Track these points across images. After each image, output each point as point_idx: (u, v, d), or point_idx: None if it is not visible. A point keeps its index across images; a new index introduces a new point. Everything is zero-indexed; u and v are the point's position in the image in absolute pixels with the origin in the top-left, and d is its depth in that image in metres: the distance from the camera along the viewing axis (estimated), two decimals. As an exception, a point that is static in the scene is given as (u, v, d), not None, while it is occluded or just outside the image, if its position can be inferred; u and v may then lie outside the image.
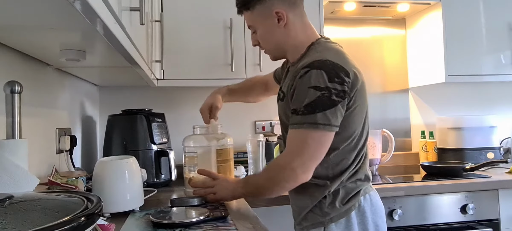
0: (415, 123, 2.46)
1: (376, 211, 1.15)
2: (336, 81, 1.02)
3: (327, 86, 1.01)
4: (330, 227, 1.10)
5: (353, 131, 1.11)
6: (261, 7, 1.15)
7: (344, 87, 1.03)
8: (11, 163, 0.78)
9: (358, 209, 1.11)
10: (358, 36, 2.38)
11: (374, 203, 1.15)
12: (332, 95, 1.01)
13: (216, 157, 1.39)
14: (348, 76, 1.04)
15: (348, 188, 1.12)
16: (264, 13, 1.15)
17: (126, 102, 2.10)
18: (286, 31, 1.16)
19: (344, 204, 1.11)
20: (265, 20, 1.16)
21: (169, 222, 1.04)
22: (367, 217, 1.12)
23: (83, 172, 1.34)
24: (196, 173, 1.37)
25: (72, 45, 1.02)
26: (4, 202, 0.48)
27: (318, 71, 1.02)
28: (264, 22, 1.16)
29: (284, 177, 1.07)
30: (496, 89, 2.56)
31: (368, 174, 1.18)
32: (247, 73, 1.88)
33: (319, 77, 1.01)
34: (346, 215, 1.10)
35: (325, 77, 1.01)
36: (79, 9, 0.60)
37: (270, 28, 1.16)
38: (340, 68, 1.04)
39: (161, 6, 1.80)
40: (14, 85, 0.86)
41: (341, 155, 1.11)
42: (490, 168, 2.00)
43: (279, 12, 1.14)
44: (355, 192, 1.12)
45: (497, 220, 1.70)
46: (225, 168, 1.42)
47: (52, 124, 1.40)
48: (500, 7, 2.18)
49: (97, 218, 0.50)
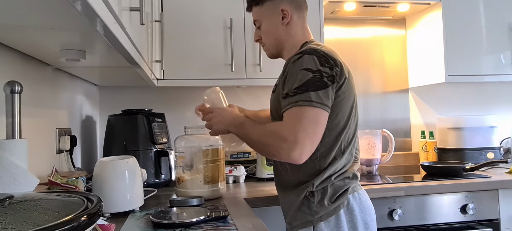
0: (415, 123, 2.46)
1: (365, 209, 1.15)
2: (327, 66, 1.08)
3: (319, 69, 1.06)
4: (319, 225, 1.11)
5: (338, 122, 1.13)
6: (269, 4, 1.26)
7: (333, 72, 1.08)
8: (11, 163, 0.78)
9: (347, 207, 1.13)
10: (358, 36, 2.38)
11: (363, 202, 1.16)
12: (323, 78, 1.06)
13: (203, 157, 1.43)
14: (336, 65, 1.10)
15: (336, 186, 1.13)
16: (271, 9, 1.26)
17: (126, 102, 2.10)
18: (288, 29, 1.25)
19: (332, 202, 1.12)
20: (271, 15, 1.26)
21: (169, 222, 1.04)
22: (356, 215, 1.13)
23: (83, 172, 1.34)
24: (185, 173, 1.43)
25: (72, 45, 1.02)
26: (4, 202, 0.48)
27: (310, 56, 1.08)
28: (270, 17, 1.26)
29: (276, 146, 1.05)
30: (496, 89, 2.56)
31: (356, 173, 1.19)
32: (247, 73, 1.88)
33: (311, 61, 1.07)
34: (335, 213, 1.11)
35: (317, 61, 1.07)
36: (79, 9, 0.60)
37: (274, 24, 1.26)
38: (329, 56, 1.10)
39: (161, 6, 1.80)
40: (14, 85, 0.86)
41: (325, 148, 1.13)
42: (490, 168, 2.00)
43: (284, 10, 1.24)
44: (343, 190, 1.13)
45: (497, 220, 1.70)
46: (214, 168, 1.45)
47: (52, 124, 1.40)
48: (500, 7, 2.18)
49: (97, 218, 0.50)
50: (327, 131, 1.10)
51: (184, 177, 1.45)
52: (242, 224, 1.07)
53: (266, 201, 1.51)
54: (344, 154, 1.15)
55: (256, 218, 1.16)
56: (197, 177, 1.43)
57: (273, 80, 1.91)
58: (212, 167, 1.45)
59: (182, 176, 1.45)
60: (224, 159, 1.52)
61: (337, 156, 1.15)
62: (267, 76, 1.89)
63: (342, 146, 1.15)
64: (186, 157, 1.45)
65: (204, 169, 1.43)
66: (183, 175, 1.45)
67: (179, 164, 1.47)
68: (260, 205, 1.49)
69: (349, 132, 1.16)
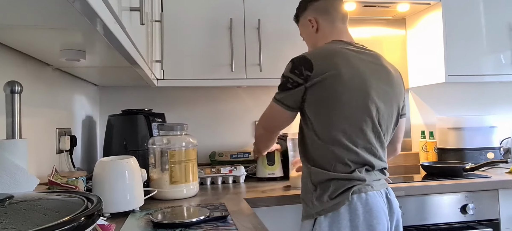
0: (415, 123, 2.46)
1: (372, 212, 1.14)
2: (295, 73, 1.23)
3: (286, 75, 1.26)
4: (319, 219, 1.16)
5: (322, 122, 1.20)
6: (302, 18, 1.46)
7: (299, 79, 1.22)
8: (11, 163, 0.78)
9: (349, 206, 1.13)
10: (358, 36, 2.37)
11: (370, 204, 1.14)
12: (287, 83, 1.25)
13: (170, 157, 1.47)
14: (309, 70, 1.20)
15: (338, 184, 1.16)
16: (304, 23, 1.44)
17: (126, 102, 2.10)
18: (317, 35, 1.40)
19: (332, 198, 1.15)
20: (305, 28, 1.44)
21: (169, 222, 1.04)
22: (358, 216, 1.13)
23: (83, 172, 1.34)
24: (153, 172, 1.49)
25: (72, 45, 1.02)
26: (4, 202, 0.48)
27: (289, 63, 1.26)
28: (305, 29, 1.45)
29: None
30: (496, 89, 2.56)
31: (363, 176, 1.17)
32: (247, 73, 1.88)
33: (287, 67, 1.26)
34: (334, 210, 1.14)
35: (289, 67, 1.25)
36: (79, 9, 0.60)
37: (308, 33, 1.43)
38: (306, 62, 1.22)
39: (161, 6, 1.80)
40: (14, 85, 0.86)
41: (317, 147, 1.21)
42: (490, 168, 2.00)
43: (311, 20, 1.40)
44: (345, 189, 1.15)
45: (497, 220, 1.70)
46: (177, 169, 1.47)
47: (52, 124, 1.40)
48: (500, 7, 2.18)
49: (97, 218, 0.50)
50: (313, 130, 1.22)
51: (152, 176, 1.49)
52: (242, 224, 1.07)
53: (266, 201, 1.51)
54: (345, 156, 1.17)
55: (256, 218, 1.16)
56: (164, 177, 1.46)
57: (273, 80, 1.92)
58: (180, 168, 1.46)
59: (151, 175, 1.50)
60: (195, 160, 1.55)
61: (335, 158, 1.17)
62: (267, 76, 1.89)
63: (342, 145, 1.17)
64: (154, 156, 1.50)
65: (171, 169, 1.46)
66: (152, 175, 1.50)
67: (150, 163, 1.52)
68: (260, 205, 1.49)
69: (342, 134, 1.17)
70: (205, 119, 2.20)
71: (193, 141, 1.52)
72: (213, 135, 2.20)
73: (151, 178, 1.49)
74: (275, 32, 1.90)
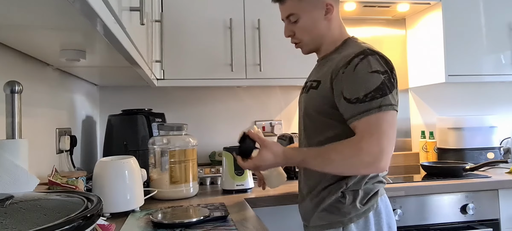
0: (415, 123, 2.46)
1: (389, 212, 1.15)
2: (390, 67, 1.06)
3: (386, 70, 1.04)
4: (349, 227, 1.08)
5: None
6: None
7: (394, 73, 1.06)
8: (11, 163, 0.78)
9: (375, 210, 1.11)
10: (358, 36, 2.36)
11: (388, 205, 1.16)
12: (391, 78, 1.04)
13: (170, 157, 1.46)
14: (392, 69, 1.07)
15: (367, 189, 1.12)
16: (314, 3, 1.16)
17: (126, 102, 2.10)
18: (329, 24, 1.18)
19: (363, 204, 1.10)
20: (313, 9, 1.16)
21: (169, 222, 1.04)
22: (382, 218, 1.12)
23: (83, 172, 1.34)
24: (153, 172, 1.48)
25: (72, 45, 1.02)
26: (4, 202, 0.48)
27: (373, 57, 1.04)
28: (311, 11, 1.17)
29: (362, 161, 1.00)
30: (496, 89, 2.56)
31: (385, 177, 1.18)
32: (247, 73, 1.88)
33: (377, 62, 1.04)
34: (365, 216, 1.10)
35: (382, 62, 1.05)
36: (79, 9, 0.60)
37: (315, 18, 1.17)
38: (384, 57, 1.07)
39: (161, 6, 1.80)
40: (14, 85, 0.86)
41: None
42: (490, 168, 2.00)
43: (329, 4, 1.16)
44: (373, 193, 1.12)
45: (497, 220, 1.70)
46: (177, 169, 1.47)
47: (52, 124, 1.40)
48: (500, 7, 2.18)
49: (97, 218, 0.50)
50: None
51: (152, 176, 1.49)
52: (242, 224, 1.07)
53: (266, 201, 1.51)
54: None
55: (256, 218, 1.16)
56: (163, 177, 1.46)
57: (273, 80, 1.92)
58: (179, 168, 1.46)
59: (151, 175, 1.50)
60: (195, 159, 1.54)
61: None
62: (267, 76, 1.89)
63: None
64: (154, 156, 1.50)
65: (171, 169, 1.46)
66: (152, 175, 1.49)
67: (150, 163, 1.52)
68: (260, 205, 1.49)
69: None
70: (205, 119, 2.20)
71: (193, 141, 1.52)
72: (213, 135, 2.20)
73: (151, 178, 1.49)
74: (275, 32, 1.90)
